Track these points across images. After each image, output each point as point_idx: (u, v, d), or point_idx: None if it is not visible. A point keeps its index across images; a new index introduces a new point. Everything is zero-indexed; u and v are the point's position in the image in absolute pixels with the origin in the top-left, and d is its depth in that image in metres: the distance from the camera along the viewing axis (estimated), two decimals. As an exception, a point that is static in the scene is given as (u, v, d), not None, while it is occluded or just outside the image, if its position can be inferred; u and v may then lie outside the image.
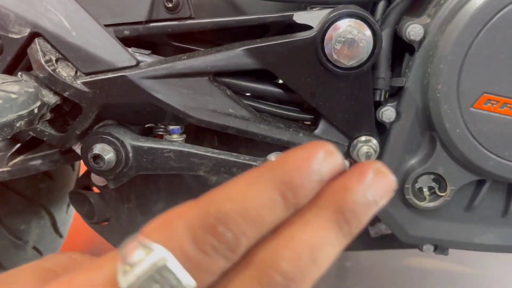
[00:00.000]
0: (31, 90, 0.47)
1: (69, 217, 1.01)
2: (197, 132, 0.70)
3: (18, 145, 0.69)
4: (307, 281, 0.25)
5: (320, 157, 0.26)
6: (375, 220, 0.86)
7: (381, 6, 0.63)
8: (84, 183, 0.75)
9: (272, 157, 0.50)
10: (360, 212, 0.26)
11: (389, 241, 0.86)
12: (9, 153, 0.69)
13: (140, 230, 0.25)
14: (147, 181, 0.70)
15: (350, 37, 0.54)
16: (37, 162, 0.68)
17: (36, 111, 0.48)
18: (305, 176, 0.26)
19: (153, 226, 0.24)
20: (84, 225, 0.79)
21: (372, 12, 0.62)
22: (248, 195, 0.25)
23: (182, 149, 0.56)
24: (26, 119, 0.47)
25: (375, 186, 0.27)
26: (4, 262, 0.88)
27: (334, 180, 0.27)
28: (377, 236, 0.86)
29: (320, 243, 0.25)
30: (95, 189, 0.75)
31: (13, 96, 0.44)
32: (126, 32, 0.61)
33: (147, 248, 0.23)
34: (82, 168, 1.02)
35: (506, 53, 0.56)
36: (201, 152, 0.55)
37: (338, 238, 0.26)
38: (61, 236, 0.98)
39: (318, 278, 0.25)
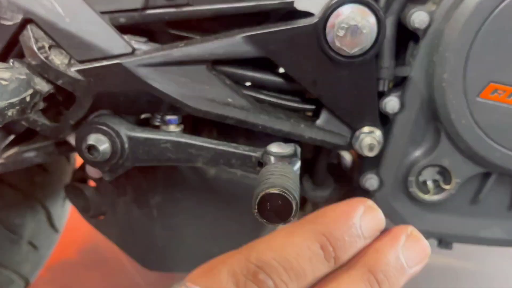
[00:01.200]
0: (23, 77, 0.46)
1: (65, 212, 0.99)
2: (195, 123, 0.69)
3: (12, 137, 0.68)
4: None
5: (359, 212, 0.28)
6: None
7: (385, -7, 0.61)
8: (80, 176, 0.73)
9: (273, 147, 0.48)
10: (392, 275, 0.28)
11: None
12: (3, 146, 0.67)
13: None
14: (143, 174, 0.69)
15: (353, 24, 0.53)
16: (31, 154, 0.66)
17: (28, 99, 0.46)
18: (345, 230, 0.27)
19: (198, 272, 0.27)
20: (81, 220, 0.78)
21: (376, -1, 0.61)
22: (288, 245, 0.26)
23: (180, 139, 0.54)
24: (17, 107, 0.45)
25: (407, 250, 0.28)
26: (-1, 257, 0.87)
27: (376, 240, 0.28)
28: (379, 231, 0.85)
29: None
30: (91, 182, 0.73)
31: (4, 82, 0.42)
32: (122, 20, 0.59)
33: None
34: (78, 161, 1.00)
35: (514, 40, 0.54)
36: (199, 143, 0.53)
37: None
38: (57, 230, 0.97)
39: None
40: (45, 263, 0.99)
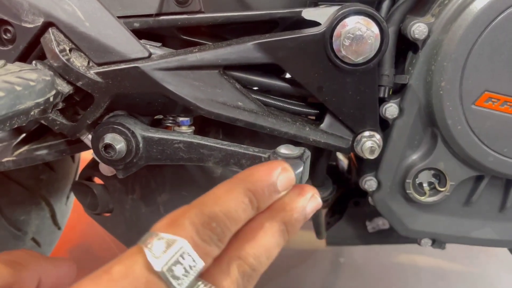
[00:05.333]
0: (48, 78, 0.48)
1: (68, 209, 1.01)
2: (202, 125, 0.71)
3: (23, 135, 0.70)
4: (262, 269, 0.38)
5: (277, 173, 0.39)
6: (373, 215, 0.88)
7: (385, 4, 0.65)
8: (87, 174, 0.75)
9: (282, 149, 0.51)
10: (296, 226, 0.40)
11: (386, 236, 0.88)
12: (14, 143, 0.69)
13: (150, 228, 0.35)
14: (152, 172, 0.71)
15: (359, 34, 0.56)
16: (43, 152, 0.68)
17: (51, 99, 0.48)
18: (266, 187, 0.39)
19: (165, 224, 0.34)
20: (76, 219, 0.79)
21: (377, 10, 0.64)
22: (229, 201, 0.36)
23: (192, 140, 0.57)
24: (42, 107, 0.47)
25: (309, 207, 0.41)
26: (3, 253, 0.88)
27: (287, 195, 0.41)
28: (374, 231, 0.88)
29: (272, 246, 0.38)
30: (97, 180, 0.75)
31: (32, 83, 0.44)
32: (136, 25, 0.62)
33: (169, 240, 0.32)
34: (82, 161, 1.02)
35: (508, 52, 0.58)
36: (211, 144, 0.56)
37: (281, 242, 0.39)
38: (59, 228, 0.99)
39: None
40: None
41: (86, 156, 0.74)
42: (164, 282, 0.31)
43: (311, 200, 0.41)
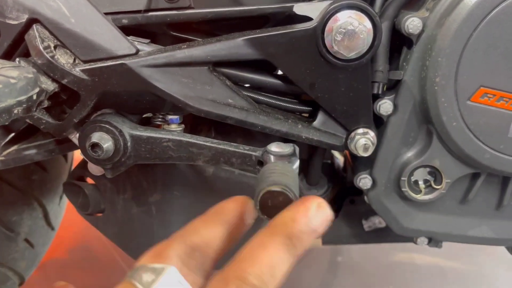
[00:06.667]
0: (30, 75, 0.47)
1: (61, 210, 1.00)
2: (194, 123, 0.70)
3: (12, 134, 0.68)
4: (271, 286, 0.35)
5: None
6: (369, 213, 0.87)
7: (379, -1, 0.64)
8: (78, 174, 0.74)
9: (273, 147, 0.50)
10: (304, 238, 0.37)
11: (383, 235, 0.86)
12: (3, 143, 0.68)
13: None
14: (143, 172, 0.70)
15: (351, 29, 0.55)
16: (32, 151, 0.67)
17: (34, 97, 0.47)
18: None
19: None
20: (74, 219, 0.78)
21: (371, 5, 0.63)
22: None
23: (181, 138, 0.56)
24: (24, 105, 0.46)
25: (316, 218, 0.37)
26: (-5, 254, 0.87)
27: (288, 209, 0.38)
28: (371, 230, 0.87)
29: (276, 262, 0.35)
30: (89, 180, 0.74)
31: (13, 81, 0.43)
32: (125, 21, 0.61)
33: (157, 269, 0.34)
34: (75, 160, 1.01)
35: (503, 47, 0.56)
36: (201, 142, 0.55)
37: (288, 257, 0.36)
38: (52, 228, 0.97)
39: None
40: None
41: (79, 155, 0.73)
42: None
43: (318, 211, 0.38)
